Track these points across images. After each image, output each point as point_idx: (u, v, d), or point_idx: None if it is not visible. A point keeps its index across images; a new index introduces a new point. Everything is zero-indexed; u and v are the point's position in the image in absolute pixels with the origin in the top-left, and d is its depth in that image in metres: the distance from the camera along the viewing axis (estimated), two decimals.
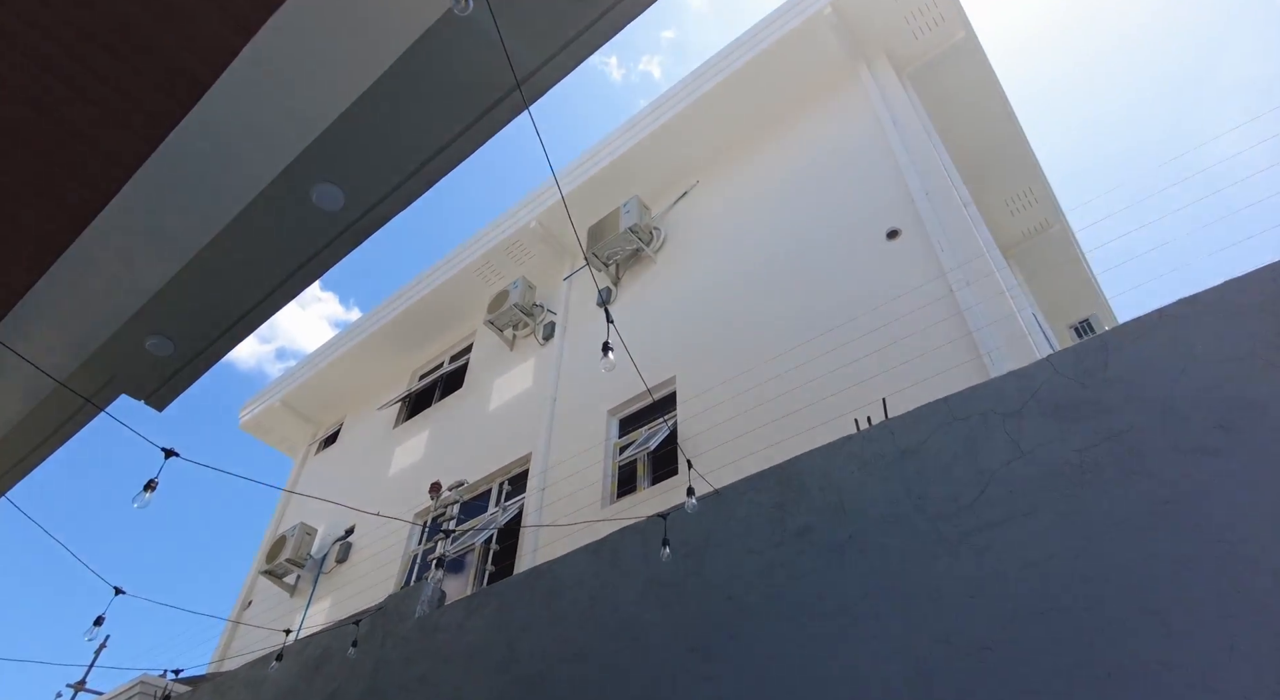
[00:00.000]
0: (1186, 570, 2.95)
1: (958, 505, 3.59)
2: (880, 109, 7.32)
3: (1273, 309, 3.04)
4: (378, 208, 4.06)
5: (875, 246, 6.35)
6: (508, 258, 10.47)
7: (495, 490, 8.34)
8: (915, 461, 3.84)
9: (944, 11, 7.73)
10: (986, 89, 8.33)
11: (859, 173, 7.12)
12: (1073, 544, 3.29)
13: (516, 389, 9.32)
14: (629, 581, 4.66)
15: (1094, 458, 3.36)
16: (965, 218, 5.95)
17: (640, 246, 8.80)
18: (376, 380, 12.12)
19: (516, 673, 4.90)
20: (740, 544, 4.30)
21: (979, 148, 8.66)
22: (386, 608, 5.99)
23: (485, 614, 5.33)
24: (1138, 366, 3.38)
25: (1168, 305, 3.32)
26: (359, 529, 9.58)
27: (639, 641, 4.42)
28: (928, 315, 5.22)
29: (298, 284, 4.48)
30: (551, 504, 7.10)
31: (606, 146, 9.59)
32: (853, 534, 3.87)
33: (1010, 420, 3.61)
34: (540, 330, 9.69)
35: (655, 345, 7.70)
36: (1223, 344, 3.13)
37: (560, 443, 7.84)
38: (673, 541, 4.34)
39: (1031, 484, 3.46)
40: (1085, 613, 3.20)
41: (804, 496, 4.17)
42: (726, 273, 7.73)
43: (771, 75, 8.39)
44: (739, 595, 4.16)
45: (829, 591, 3.81)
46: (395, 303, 11.49)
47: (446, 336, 11.46)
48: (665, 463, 6.76)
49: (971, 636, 3.39)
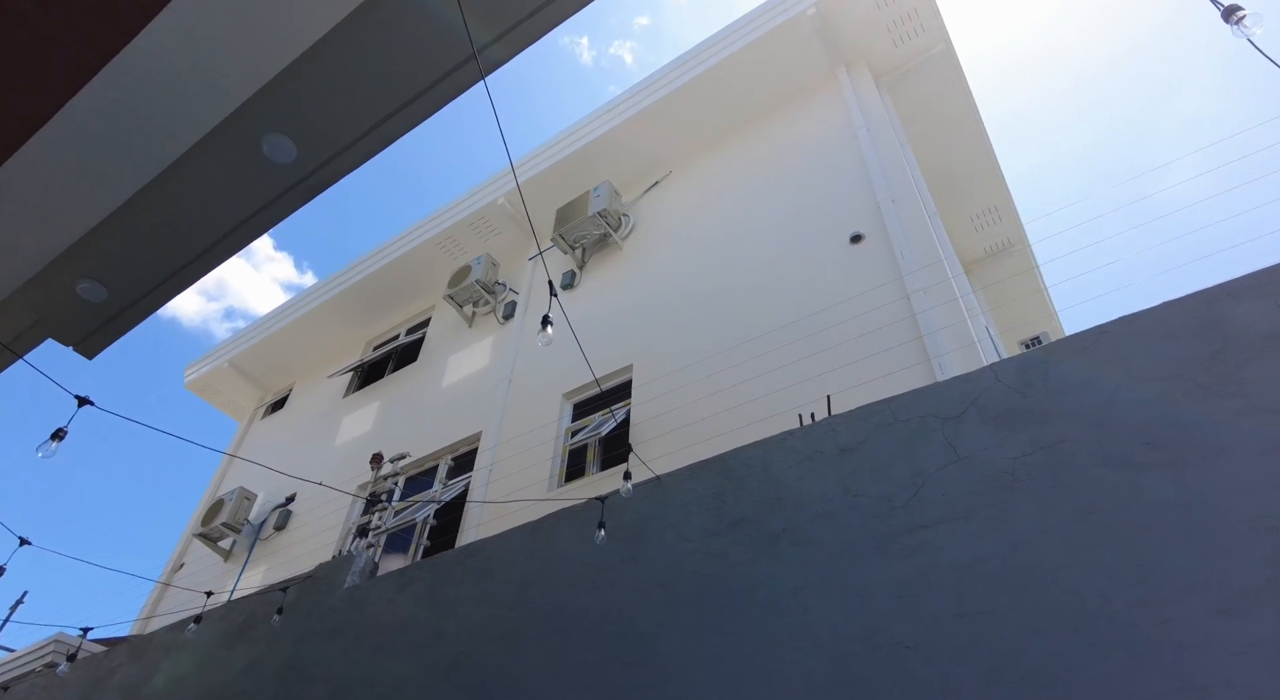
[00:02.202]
0: (1105, 580, 3.01)
1: (892, 505, 3.62)
2: (855, 114, 7.35)
3: (1204, 333, 3.11)
4: (331, 164, 3.94)
5: (838, 249, 6.38)
6: (473, 233, 10.31)
7: (442, 467, 8.22)
8: (854, 460, 3.86)
9: (925, 22, 7.78)
10: (960, 104, 8.41)
11: (829, 176, 7.14)
12: (1000, 549, 3.33)
13: (472, 367, 9.19)
14: (563, 564, 4.62)
15: (1027, 466, 3.40)
16: (928, 228, 6.00)
17: (608, 232, 8.73)
18: (329, 348, 11.87)
19: (444, 650, 4.84)
20: (677, 532, 4.28)
21: (949, 162, 8.76)
22: (316, 576, 5.86)
23: (416, 589, 5.25)
24: (1076, 380, 3.44)
25: (1108, 322, 3.38)
26: (301, 497, 9.38)
27: (569, 624, 4.39)
28: (882, 318, 5.26)
29: (245, 236, 4.33)
30: (498, 482, 7.02)
31: (582, 128, 9.49)
32: (787, 528, 3.88)
33: (950, 425, 3.64)
34: (501, 309, 9.57)
35: (615, 332, 7.66)
36: (1156, 363, 3.20)
37: (512, 424, 7.75)
38: (610, 526, 4.31)
39: (965, 488, 3.49)
40: (1007, 617, 3.25)
41: (743, 488, 4.17)
42: (692, 264, 7.71)
43: (751, 72, 8.37)
44: (671, 583, 4.15)
45: (760, 583, 3.82)
46: (354, 270, 11.25)
47: (404, 308, 11.27)
48: (616, 447, 6.73)
49: (895, 635, 3.42)
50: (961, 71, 8.14)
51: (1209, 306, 3.16)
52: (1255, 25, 2.27)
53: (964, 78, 8.15)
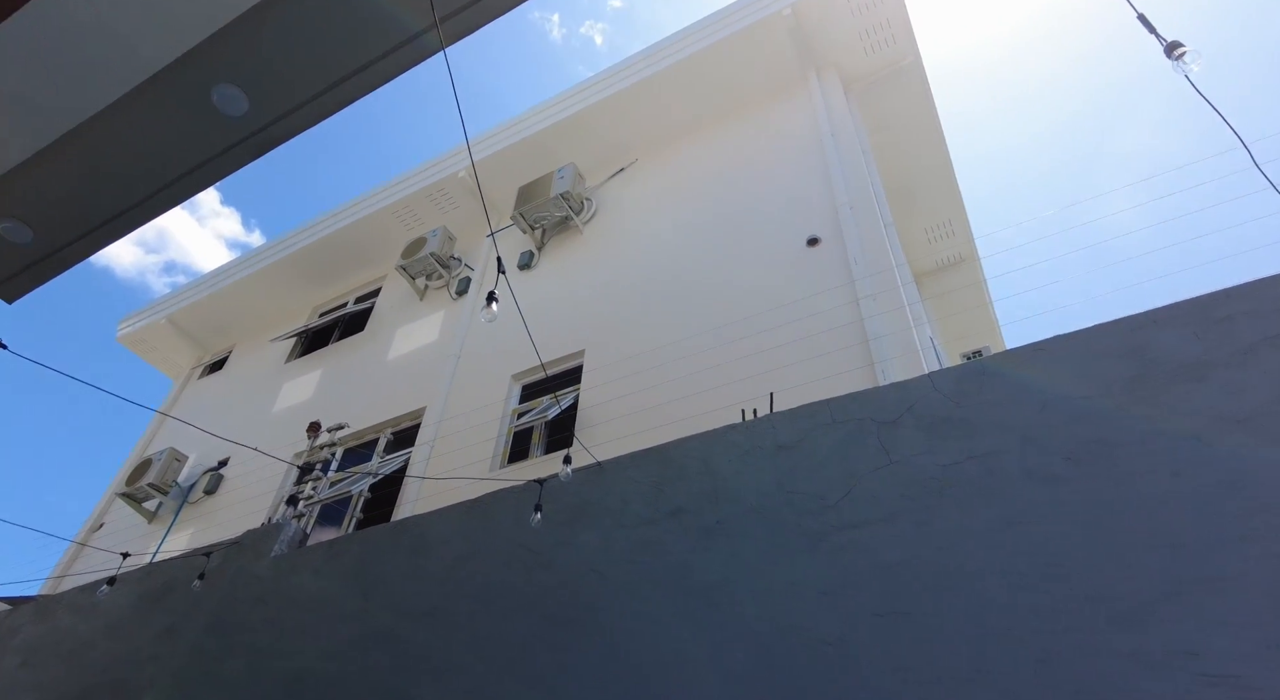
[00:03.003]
0: (1018, 588, 3.13)
1: (823, 504, 3.70)
2: (822, 119, 7.42)
3: (1128, 357, 3.24)
4: (284, 120, 3.82)
5: (795, 250, 6.45)
6: (431, 205, 10.12)
7: (381, 441, 8.08)
8: (791, 457, 3.93)
9: (897, 33, 7.90)
10: (924, 118, 8.58)
11: (792, 177, 7.21)
12: (924, 553, 3.43)
13: (420, 341, 9.05)
14: (497, 544, 4.60)
15: (955, 474, 3.51)
16: (883, 236, 6.11)
17: (570, 215, 8.66)
18: (274, 311, 11.54)
19: (369, 623, 4.78)
20: (613, 518, 4.30)
21: (909, 174, 8.93)
22: (243, 543, 5.72)
23: (345, 561, 5.17)
24: (1007, 394, 3.55)
25: (1041, 341, 3.50)
26: (234, 462, 9.12)
27: (498, 605, 4.38)
28: (831, 321, 5.35)
29: (189, 188, 4.17)
30: (439, 459, 6.94)
31: (550, 107, 9.38)
32: (722, 520, 3.93)
33: (885, 429, 3.73)
34: (454, 284, 9.43)
35: (570, 316, 7.62)
36: (1082, 383, 3.32)
37: (458, 401, 7.66)
38: (548, 510, 4.30)
39: (895, 491, 3.58)
40: (924, 619, 3.35)
41: (682, 478, 4.20)
42: (651, 254, 7.71)
43: (723, 67, 8.38)
44: (604, 568, 4.17)
45: (692, 573, 3.87)
46: (305, 233, 10.94)
47: (355, 276, 11.02)
48: (562, 431, 6.71)
49: (817, 630, 3.50)
50: (928, 86, 8.30)
51: (1134, 332, 3.29)
52: (1193, 62, 2.36)
53: (930, 92, 8.30)
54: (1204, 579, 2.67)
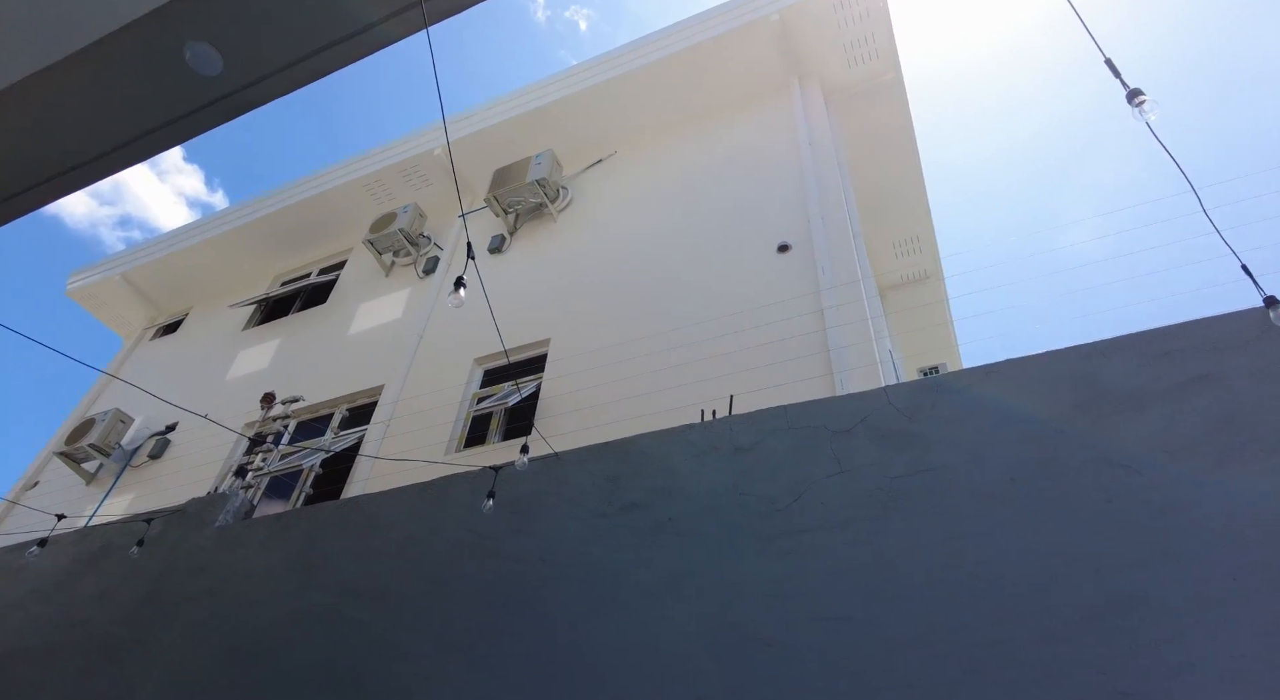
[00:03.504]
0: (955, 599, 3.24)
1: (774, 507, 3.77)
2: (801, 127, 7.50)
3: (1076, 384, 3.36)
4: (260, 85, 3.74)
5: (765, 255, 6.52)
6: (404, 180, 9.98)
7: (336, 416, 7.98)
8: (746, 460, 3.99)
9: (880, 48, 8.01)
10: (901, 133, 8.72)
11: (767, 183, 7.28)
12: (869, 561, 3.52)
13: (383, 317, 8.93)
14: (448, 529, 4.59)
15: (904, 486, 3.60)
16: (852, 248, 6.21)
17: (544, 202, 8.62)
18: (235, 276, 11.27)
19: (312, 600, 4.73)
20: (567, 510, 4.32)
21: (881, 187, 9.08)
22: (186, 511, 5.60)
23: (292, 536, 5.10)
24: (959, 412, 3.65)
25: (995, 363, 3.61)
26: (182, 427, 8.91)
27: (444, 589, 4.37)
28: (795, 328, 5.43)
29: (152, 146, 4.06)
30: (394, 439, 6.88)
31: (532, 91, 9.32)
32: (675, 517, 3.98)
33: (839, 438, 3.81)
34: (422, 262, 9.33)
35: (538, 303, 7.60)
36: (1031, 406, 3.44)
37: (418, 381, 7.59)
38: (502, 497, 4.31)
39: (845, 500, 3.67)
40: (863, 624, 3.45)
41: (638, 474, 4.24)
42: (623, 248, 7.72)
43: (707, 67, 8.41)
44: (554, 558, 4.19)
45: (642, 569, 3.91)
46: (273, 199, 10.70)
47: (320, 247, 10.81)
48: (522, 418, 6.70)
49: (760, 630, 3.58)
50: (907, 102, 8.44)
51: (1082, 361, 3.42)
52: (1151, 111, 2.47)
53: (908, 109, 8.45)
54: (1127, 600, 2.80)
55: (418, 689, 4.02)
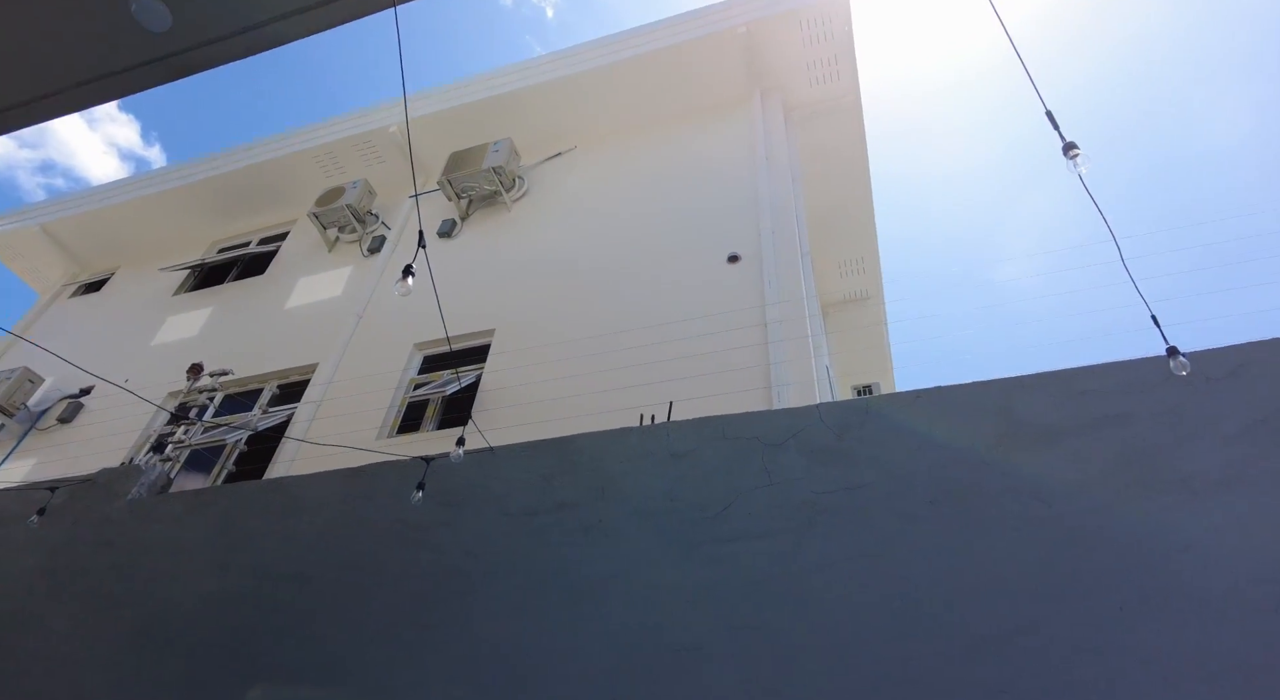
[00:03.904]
0: (869, 614, 3.36)
1: (704, 515, 3.84)
2: (760, 141, 7.62)
3: (996, 415, 3.53)
4: (210, 47, 3.61)
5: (714, 264, 6.61)
6: (356, 155, 9.73)
7: (266, 392, 7.74)
8: (680, 467, 4.05)
9: (842, 70, 8.20)
10: (855, 156, 8.95)
11: (722, 193, 7.37)
12: (789, 573, 3.62)
13: (323, 294, 8.70)
14: (375, 516, 4.52)
15: (829, 502, 3.72)
16: (799, 264, 6.35)
17: (499, 190, 8.54)
18: (168, 238, 10.80)
19: (228, 582, 4.59)
20: (498, 505, 4.31)
21: (832, 207, 9.29)
22: (96, 481, 5.36)
23: (210, 514, 4.94)
24: (886, 434, 3.79)
25: (922, 389, 3.75)
26: (99, 392, 8.49)
27: (367, 578, 4.30)
28: (738, 339, 5.52)
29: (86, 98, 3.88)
30: (325, 420, 6.71)
31: (495, 78, 9.21)
32: (605, 519, 4.01)
33: (770, 451, 3.90)
34: (367, 241, 9.12)
35: (485, 292, 7.53)
36: (954, 434, 3.59)
37: (354, 362, 7.43)
38: (432, 489, 4.26)
39: (771, 512, 3.76)
40: (778, 634, 3.55)
41: (573, 474, 4.26)
42: (575, 244, 7.71)
43: (673, 72, 8.47)
44: (482, 553, 4.17)
45: (569, 568, 3.93)
46: (216, 162, 10.29)
47: (262, 216, 10.45)
48: (458, 409, 6.62)
49: (679, 636, 3.64)
50: (863, 127, 8.66)
51: (1004, 393, 3.59)
52: (1084, 165, 2.62)
53: (864, 133, 8.67)
54: (1029, 624, 2.96)
55: (333, 678, 3.95)
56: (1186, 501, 3.10)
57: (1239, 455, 3.15)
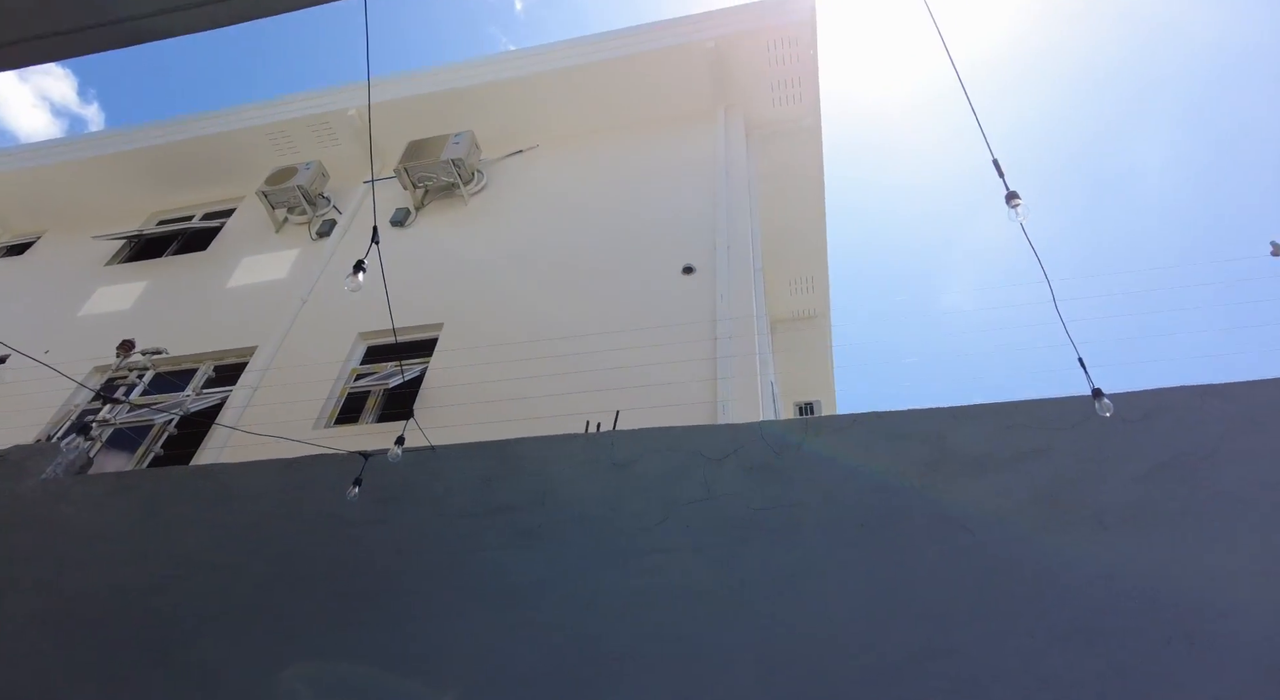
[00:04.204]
0: (797, 633, 3.45)
1: (642, 525, 3.88)
2: (720, 156, 7.74)
3: (931, 443, 3.67)
4: (165, 16, 3.49)
5: (669, 275, 6.67)
6: (311, 135, 9.49)
7: (200, 373, 7.48)
8: (622, 476, 4.09)
9: (804, 93, 8.39)
10: (812, 177, 9.15)
11: (680, 204, 7.45)
12: (720, 586, 3.68)
13: (267, 276, 8.46)
14: (307, 510, 4.43)
15: (764, 519, 3.80)
16: (751, 280, 6.47)
17: (457, 182, 8.45)
18: (104, 205, 10.34)
19: (147, 570, 4.43)
20: (436, 506, 4.27)
21: (785, 225, 9.48)
22: (7, 458, 5.11)
23: (132, 498, 4.76)
24: (823, 455, 3.90)
25: (860, 413, 3.88)
26: (15, 362, 8.07)
27: (295, 573, 4.21)
28: (687, 352, 5.59)
29: (25, 57, 3.71)
30: (261, 407, 6.54)
31: (461, 70, 9.11)
32: (544, 525, 4.01)
33: (711, 465, 3.97)
34: (317, 223, 8.91)
35: (435, 285, 7.44)
36: (887, 459, 3.72)
37: (295, 347, 7.25)
38: (368, 486, 4.20)
39: (708, 525, 3.83)
40: (706, 648, 3.60)
41: (515, 478, 4.25)
42: (530, 243, 7.68)
43: (640, 79, 8.52)
44: (415, 553, 4.13)
45: (502, 573, 3.92)
46: (163, 130, 9.89)
47: (208, 190, 10.10)
48: (400, 404, 6.53)
49: (611, 645, 3.66)
50: (821, 148, 8.87)
51: (938, 422, 3.73)
52: (1024, 215, 2.76)
53: (821, 155, 8.88)
54: (945, 649, 3.09)
55: (256, 673, 3.85)
56: (1098, 535, 3.28)
57: (1145, 494, 3.35)
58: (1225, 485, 3.35)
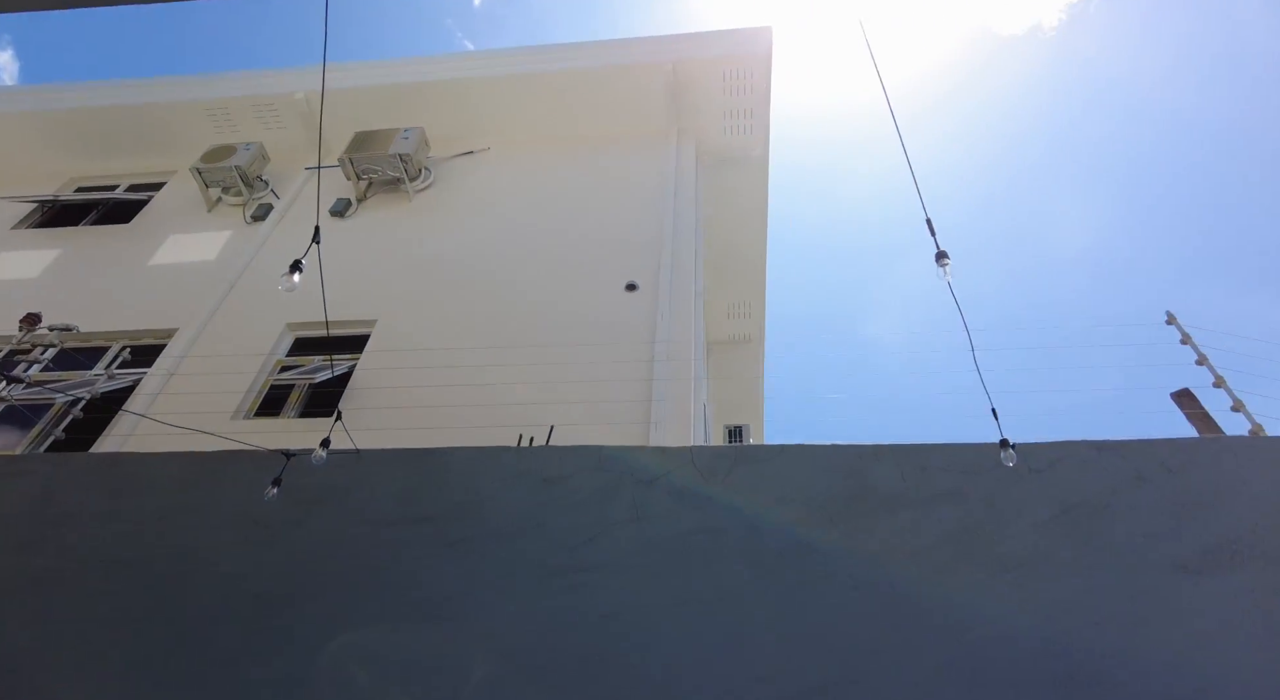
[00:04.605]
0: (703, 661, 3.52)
1: (567, 544, 3.89)
2: (670, 177, 7.86)
3: (850, 478, 3.82)
4: None
5: (613, 291, 6.72)
6: (254, 116, 9.18)
7: (112, 353, 7.10)
8: (551, 492, 4.09)
9: (755, 125, 8.61)
10: (756, 206, 9.40)
11: (628, 222, 7.53)
12: (642, 608, 3.73)
13: (194, 256, 8.12)
14: (219, 507, 4.26)
15: (689, 544, 3.87)
16: (691, 302, 6.58)
17: (403, 178, 8.31)
18: (17, 164, 9.71)
19: (34, 563, 4.18)
20: (358, 512, 4.18)
21: (728, 251, 9.69)
22: None
23: (22, 483, 4.48)
24: (748, 484, 4.00)
25: (788, 445, 4.00)
26: None
27: (200, 572, 4.04)
28: (625, 371, 5.64)
29: None
30: (176, 395, 6.25)
31: (417, 65, 8.99)
32: (467, 538, 3.98)
33: (641, 487, 4.02)
34: (253, 207, 8.60)
35: (372, 280, 7.28)
36: (809, 490, 3.85)
37: (218, 333, 6.97)
38: (287, 485, 4.07)
39: (633, 547, 3.87)
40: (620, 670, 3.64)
41: (441, 488, 4.20)
42: (473, 246, 7.61)
43: (598, 93, 8.59)
44: (330, 559, 4.03)
45: (424, 585, 3.86)
46: (92, 92, 9.38)
47: (137, 160, 9.62)
48: (325, 401, 6.35)
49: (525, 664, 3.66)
50: (767, 179, 9.12)
51: (858, 459, 3.89)
52: (949, 273, 2.94)
53: (767, 187, 9.13)
54: (846, 681, 3.21)
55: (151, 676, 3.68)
56: (999, 579, 3.47)
57: (1044, 542, 3.57)
58: (1116, 537, 3.60)
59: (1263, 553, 3.47)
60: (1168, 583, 3.41)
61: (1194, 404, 4.51)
